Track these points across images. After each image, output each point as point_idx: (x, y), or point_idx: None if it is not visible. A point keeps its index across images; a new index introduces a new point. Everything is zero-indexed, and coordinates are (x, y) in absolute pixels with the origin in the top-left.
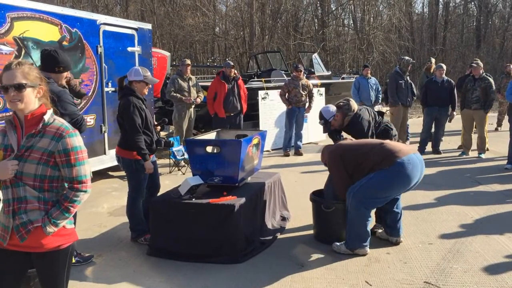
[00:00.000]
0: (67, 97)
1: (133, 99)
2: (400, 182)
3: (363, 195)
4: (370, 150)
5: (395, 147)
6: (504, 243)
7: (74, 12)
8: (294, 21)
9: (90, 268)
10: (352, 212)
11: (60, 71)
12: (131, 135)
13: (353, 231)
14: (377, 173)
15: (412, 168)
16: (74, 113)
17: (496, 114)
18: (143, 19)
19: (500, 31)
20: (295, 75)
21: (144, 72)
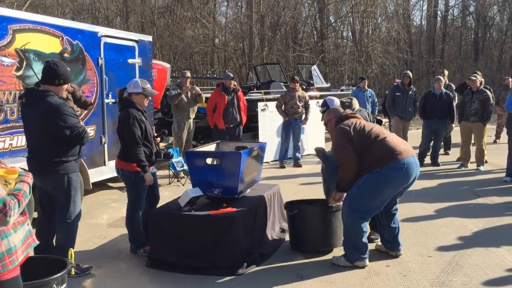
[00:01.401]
0: (66, 109)
1: (133, 111)
2: (391, 184)
3: (358, 204)
4: (374, 140)
5: (397, 147)
6: (503, 256)
7: (76, 25)
8: (293, 33)
9: (89, 280)
10: (347, 224)
11: (60, 83)
12: (131, 147)
13: (350, 243)
14: (367, 178)
15: (407, 172)
16: (75, 125)
17: (495, 126)
18: (143, 30)
19: (498, 44)
20: (291, 87)
21: (143, 84)
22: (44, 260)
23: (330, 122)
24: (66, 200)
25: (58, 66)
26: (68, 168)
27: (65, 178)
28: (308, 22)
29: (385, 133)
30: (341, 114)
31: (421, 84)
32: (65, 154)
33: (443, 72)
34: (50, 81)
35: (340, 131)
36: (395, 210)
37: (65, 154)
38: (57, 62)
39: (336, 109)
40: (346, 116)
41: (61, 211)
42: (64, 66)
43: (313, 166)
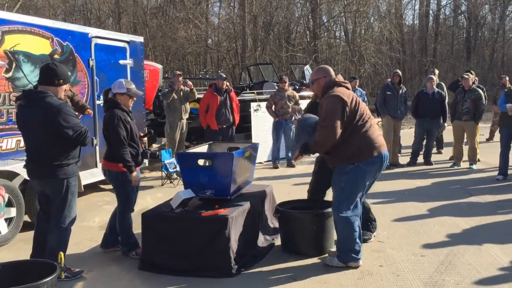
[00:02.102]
0: (68, 109)
1: (118, 112)
2: (368, 176)
3: (346, 204)
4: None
5: (377, 139)
6: (496, 255)
7: (66, 26)
8: (286, 33)
9: (80, 283)
10: (340, 226)
11: (60, 84)
12: (116, 148)
13: (344, 244)
14: (348, 178)
15: (380, 165)
16: (77, 125)
17: (488, 125)
18: (135, 31)
19: (489, 43)
20: (281, 87)
21: (128, 85)
22: (34, 264)
23: (318, 80)
24: (62, 205)
25: (57, 66)
26: (68, 172)
27: (64, 182)
28: (301, 22)
29: (371, 121)
30: (333, 77)
31: (413, 83)
32: (66, 157)
33: (433, 72)
34: (49, 81)
35: (338, 99)
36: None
37: (66, 157)
38: (55, 63)
39: (329, 69)
40: (338, 82)
41: (56, 215)
42: (63, 67)
43: (306, 166)
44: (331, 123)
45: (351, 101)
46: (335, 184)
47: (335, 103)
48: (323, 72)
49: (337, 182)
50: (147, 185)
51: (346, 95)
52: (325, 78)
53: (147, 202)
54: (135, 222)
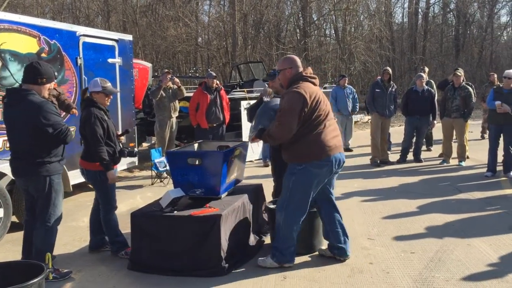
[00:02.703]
0: (49, 107)
1: (94, 110)
2: (316, 179)
3: (293, 206)
4: (315, 127)
5: (330, 141)
6: (485, 251)
7: (53, 24)
8: (276, 31)
9: (69, 284)
10: (282, 225)
11: (43, 82)
12: (93, 146)
13: (282, 244)
14: (295, 181)
15: (329, 168)
16: (58, 123)
17: (477, 122)
18: (125, 30)
19: (478, 41)
20: (269, 84)
21: (103, 83)
22: (21, 265)
23: (284, 71)
24: (46, 203)
25: (41, 65)
26: (51, 170)
27: (46, 180)
28: (291, 20)
29: (328, 121)
30: (300, 69)
31: (403, 81)
32: (48, 155)
33: (423, 69)
34: (32, 80)
35: (299, 97)
36: (335, 211)
37: (48, 154)
38: (40, 62)
39: (295, 60)
40: (305, 76)
41: (40, 214)
42: (47, 66)
43: None
44: (288, 120)
45: (313, 99)
46: (284, 183)
47: (296, 101)
48: (289, 62)
49: (286, 181)
50: (137, 184)
51: (309, 92)
52: (291, 70)
53: (137, 202)
54: (124, 222)
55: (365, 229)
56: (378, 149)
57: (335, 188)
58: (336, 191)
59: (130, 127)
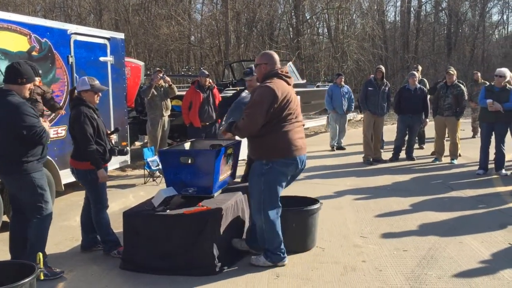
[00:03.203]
0: (26, 108)
1: (84, 109)
2: (284, 177)
3: (268, 205)
4: (283, 126)
5: (296, 141)
6: (477, 249)
7: (44, 22)
8: (269, 29)
9: (61, 284)
10: (267, 227)
11: (23, 82)
12: (83, 145)
13: (271, 245)
14: (266, 180)
15: (294, 167)
16: (33, 125)
17: (469, 120)
18: (117, 28)
19: (470, 39)
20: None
21: (91, 81)
22: (12, 265)
23: (260, 66)
24: (34, 200)
25: (21, 65)
26: (30, 168)
27: (27, 178)
28: (284, 19)
29: (297, 122)
30: (276, 66)
31: (395, 80)
32: (25, 155)
33: (417, 68)
34: (12, 80)
35: (270, 92)
36: None
37: (25, 154)
38: (20, 62)
39: (272, 56)
40: (280, 74)
41: (30, 211)
42: (26, 65)
43: None
44: (255, 113)
45: (283, 97)
46: (254, 187)
47: (266, 95)
48: (266, 58)
49: (256, 184)
50: (130, 183)
51: (281, 89)
52: (267, 66)
53: (130, 201)
54: (116, 221)
55: (358, 227)
56: (370, 148)
57: (327, 186)
58: (328, 189)
59: (122, 126)
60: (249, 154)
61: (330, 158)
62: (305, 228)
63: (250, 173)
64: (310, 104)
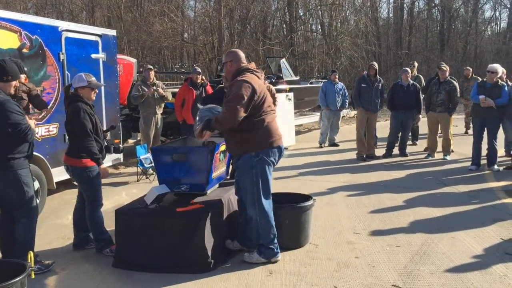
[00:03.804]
0: (10, 105)
1: (82, 105)
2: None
3: (263, 197)
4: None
5: (277, 131)
6: (469, 244)
7: (34, 19)
8: (263, 26)
9: (53, 282)
10: (262, 220)
11: (9, 80)
12: (83, 140)
13: (266, 239)
14: (258, 172)
15: (279, 156)
16: (18, 122)
17: (462, 116)
18: (110, 25)
19: (462, 35)
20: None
21: (88, 78)
22: (2, 264)
23: (226, 64)
24: (20, 197)
25: (6, 62)
26: (16, 165)
27: (14, 174)
28: (277, 15)
29: (274, 113)
30: (241, 63)
31: (389, 76)
32: (11, 152)
33: (413, 64)
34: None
35: (249, 85)
36: None
37: (11, 151)
38: (5, 59)
39: (237, 54)
40: (250, 69)
41: (16, 208)
42: (11, 63)
43: (284, 159)
44: (235, 106)
45: (260, 90)
46: (246, 181)
47: (245, 88)
48: (231, 56)
49: (248, 178)
50: (123, 181)
51: (256, 83)
52: (232, 63)
53: (122, 198)
54: (109, 219)
55: (351, 223)
56: (363, 144)
57: (321, 182)
58: (322, 186)
59: (115, 123)
60: (231, 151)
61: (324, 154)
62: (299, 225)
63: (240, 169)
64: (304, 100)
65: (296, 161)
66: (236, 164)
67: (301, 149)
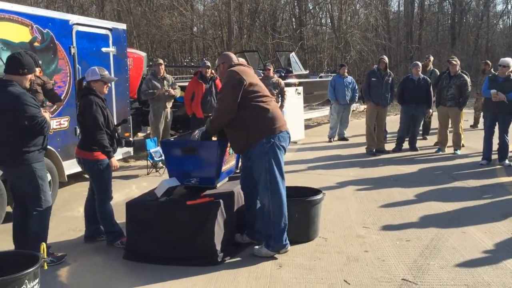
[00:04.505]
0: (27, 99)
1: (95, 98)
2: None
3: (274, 185)
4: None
5: (282, 118)
6: (480, 239)
7: (46, 13)
8: (272, 20)
9: (64, 273)
10: (275, 208)
11: (24, 73)
12: (94, 133)
13: (278, 228)
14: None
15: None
16: (35, 115)
17: (472, 111)
18: (119, 19)
19: (474, 29)
20: (266, 74)
21: (101, 71)
22: (16, 255)
23: (219, 66)
24: (34, 190)
25: (22, 55)
26: (31, 158)
27: (28, 168)
28: (287, 9)
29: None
30: (233, 62)
31: (399, 70)
32: (26, 145)
33: (428, 58)
34: (14, 70)
35: (235, 73)
36: None
37: (27, 144)
38: (21, 52)
39: (229, 55)
40: (237, 64)
41: (31, 201)
42: (28, 56)
43: (293, 153)
44: (226, 96)
45: (251, 78)
46: (259, 169)
47: (232, 77)
48: (222, 59)
49: (261, 165)
50: (133, 174)
51: (243, 71)
52: (224, 64)
53: (133, 191)
54: (120, 212)
55: (361, 217)
56: (373, 138)
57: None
58: (331, 180)
59: (125, 117)
60: (240, 147)
61: (333, 149)
62: (308, 219)
63: (253, 159)
64: (313, 94)
65: (306, 155)
66: (248, 156)
67: (311, 143)
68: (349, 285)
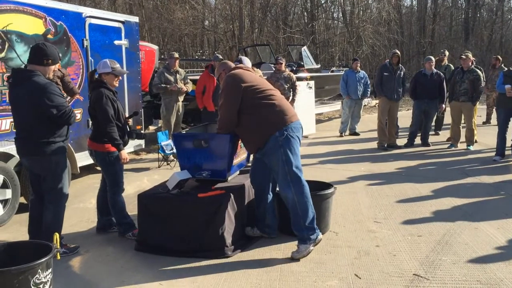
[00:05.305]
0: (53, 88)
1: (105, 91)
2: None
3: (292, 175)
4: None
5: (291, 109)
6: (492, 235)
7: (59, 5)
8: (284, 14)
9: (77, 264)
10: (300, 199)
11: (49, 63)
12: (105, 126)
13: (308, 218)
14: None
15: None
16: (62, 104)
17: (485, 106)
18: (131, 12)
19: (488, 24)
20: (277, 68)
21: (112, 64)
22: (29, 244)
23: (220, 75)
24: (54, 181)
25: (47, 46)
26: (55, 150)
27: (52, 159)
28: (298, 3)
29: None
30: (231, 68)
31: (411, 65)
32: (52, 135)
33: (443, 53)
34: (38, 61)
35: (231, 77)
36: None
37: (53, 134)
38: (45, 43)
39: (227, 63)
40: (236, 67)
41: (48, 191)
42: (52, 47)
43: (304, 148)
44: (227, 100)
45: (250, 77)
46: (276, 163)
47: (228, 83)
48: (222, 67)
49: (277, 159)
50: (144, 167)
51: (244, 73)
52: (224, 71)
53: (144, 184)
54: (131, 204)
55: (372, 212)
56: (384, 133)
57: (342, 171)
58: (342, 175)
59: (137, 109)
60: (253, 146)
61: (344, 143)
62: (319, 213)
63: (267, 154)
64: (324, 89)
65: (317, 149)
66: (263, 152)
67: (322, 138)
68: (360, 279)
